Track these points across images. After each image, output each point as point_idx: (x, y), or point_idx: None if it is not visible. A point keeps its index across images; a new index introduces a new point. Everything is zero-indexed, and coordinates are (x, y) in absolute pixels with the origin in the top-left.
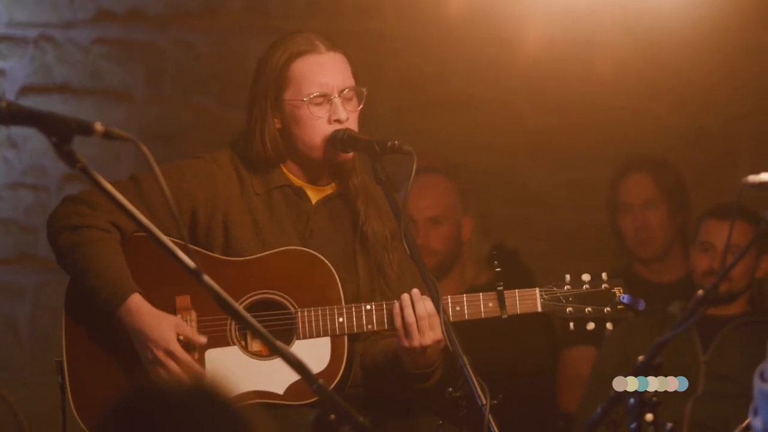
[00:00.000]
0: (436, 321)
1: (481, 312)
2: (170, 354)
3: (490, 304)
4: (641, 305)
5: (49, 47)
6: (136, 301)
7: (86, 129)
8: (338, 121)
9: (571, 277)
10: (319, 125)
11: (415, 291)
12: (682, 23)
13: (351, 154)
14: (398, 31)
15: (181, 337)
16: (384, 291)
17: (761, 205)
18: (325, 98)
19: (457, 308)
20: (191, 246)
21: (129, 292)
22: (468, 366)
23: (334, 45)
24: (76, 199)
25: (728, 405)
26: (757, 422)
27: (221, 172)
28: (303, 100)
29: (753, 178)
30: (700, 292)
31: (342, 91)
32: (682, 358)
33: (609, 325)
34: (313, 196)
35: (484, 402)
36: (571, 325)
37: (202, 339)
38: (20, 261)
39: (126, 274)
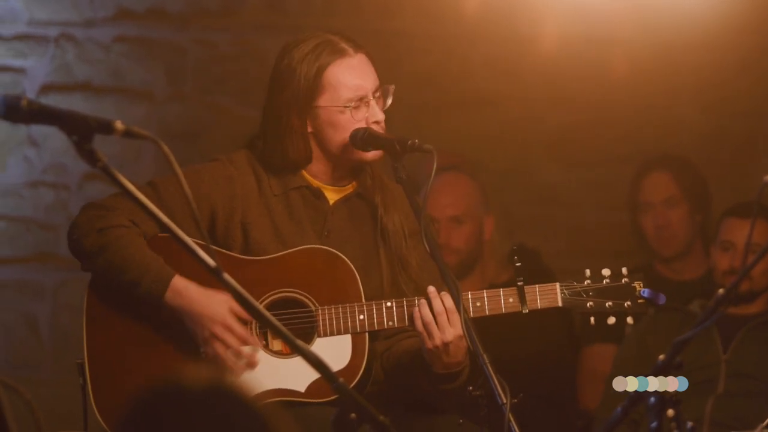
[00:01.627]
0: (455, 317)
1: (501, 307)
2: (228, 328)
3: (511, 300)
4: (661, 299)
5: (69, 46)
6: (181, 282)
7: (107, 127)
8: (377, 122)
9: (591, 272)
10: (357, 128)
11: (431, 289)
12: (699, 21)
13: (380, 152)
14: (417, 30)
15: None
16: (407, 282)
17: None
18: (362, 101)
19: (478, 304)
20: (218, 249)
21: (170, 275)
22: (488, 364)
23: (357, 45)
24: (94, 206)
25: (749, 403)
26: None
27: (239, 174)
28: (346, 107)
29: None
30: (721, 290)
31: (375, 91)
32: (703, 357)
33: (629, 320)
34: (331, 196)
35: (505, 401)
36: (592, 319)
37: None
38: (40, 259)
39: (160, 260)
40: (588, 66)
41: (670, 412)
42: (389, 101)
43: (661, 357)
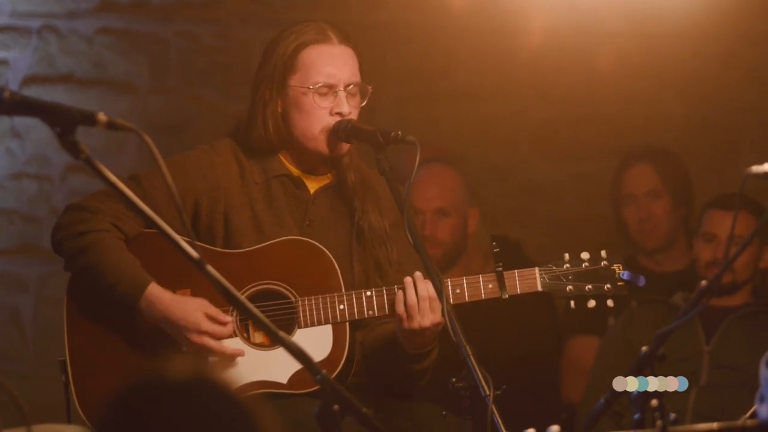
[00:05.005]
0: (437, 304)
1: (481, 293)
2: (204, 332)
3: (490, 285)
4: (641, 281)
5: (52, 37)
6: (156, 290)
7: (90, 119)
8: (340, 113)
9: (570, 255)
10: (320, 115)
11: (418, 273)
12: (685, 14)
13: (347, 147)
14: (402, 22)
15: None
16: (379, 286)
17: (764, 195)
18: (331, 89)
19: (458, 290)
20: (197, 243)
21: (146, 282)
22: (471, 357)
23: (345, 38)
24: (77, 207)
25: (732, 395)
26: (763, 409)
27: (221, 162)
28: (309, 88)
29: (756, 169)
30: (704, 282)
31: (348, 85)
32: (686, 349)
33: (610, 302)
34: (312, 185)
35: (488, 393)
36: (572, 303)
37: (227, 318)
38: (23, 252)
39: (138, 266)
40: (574, 59)
41: (654, 402)
42: (365, 101)
43: (644, 348)
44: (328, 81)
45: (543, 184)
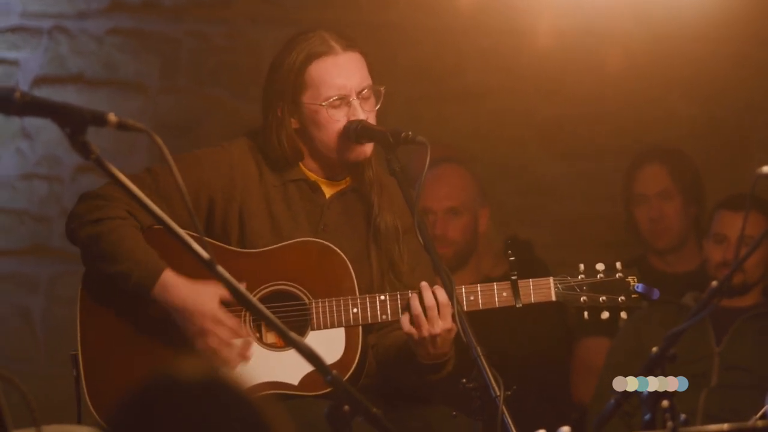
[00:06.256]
0: (446, 310)
1: (495, 301)
2: (218, 321)
3: (504, 294)
4: (655, 294)
5: (63, 38)
6: (170, 277)
7: (100, 120)
8: None
9: (585, 266)
10: (337, 127)
11: (424, 283)
12: (694, 13)
13: (369, 150)
14: (412, 22)
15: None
16: (394, 284)
17: None
18: (343, 100)
19: (471, 298)
20: (207, 239)
21: (160, 269)
22: (482, 357)
23: (349, 44)
24: (92, 195)
25: (742, 396)
26: None
27: (239, 162)
28: (322, 105)
29: (767, 169)
30: (714, 283)
31: (360, 91)
32: (696, 350)
33: (623, 314)
34: (327, 190)
35: (498, 393)
36: (585, 314)
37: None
38: (34, 252)
39: (153, 253)
40: (582, 59)
41: (665, 402)
42: (378, 103)
43: (655, 349)
44: (340, 93)
45: (550, 182)
